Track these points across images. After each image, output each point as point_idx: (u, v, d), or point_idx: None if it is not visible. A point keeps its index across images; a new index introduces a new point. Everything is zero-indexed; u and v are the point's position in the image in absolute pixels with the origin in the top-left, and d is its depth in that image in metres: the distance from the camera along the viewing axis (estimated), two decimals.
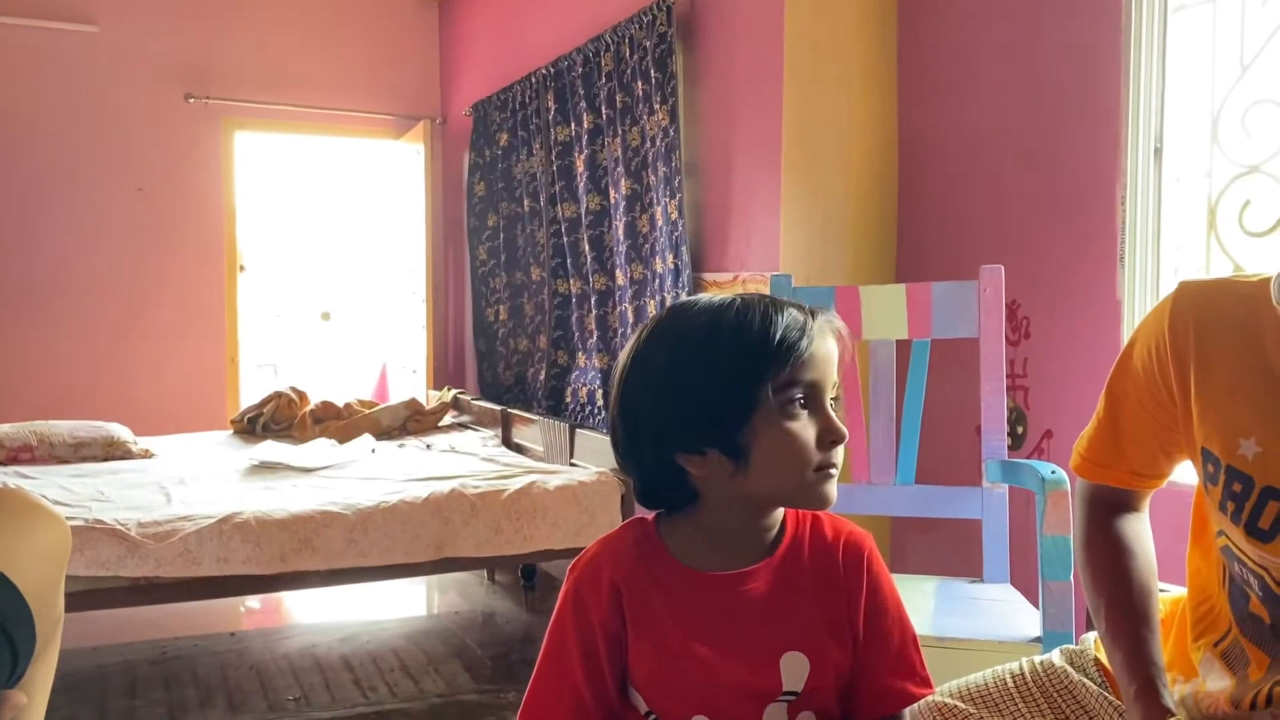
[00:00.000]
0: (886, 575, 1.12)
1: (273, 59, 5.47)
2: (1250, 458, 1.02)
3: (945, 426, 2.63)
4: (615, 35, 3.67)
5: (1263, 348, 1.00)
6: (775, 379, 0.99)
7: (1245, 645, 1.08)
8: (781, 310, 1.01)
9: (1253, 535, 1.01)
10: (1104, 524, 1.22)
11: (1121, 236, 2.27)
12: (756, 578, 1.06)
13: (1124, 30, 2.26)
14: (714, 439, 1.00)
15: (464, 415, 4.79)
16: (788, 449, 1.00)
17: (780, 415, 1.00)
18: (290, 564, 2.80)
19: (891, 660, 1.08)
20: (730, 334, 1.00)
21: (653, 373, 1.04)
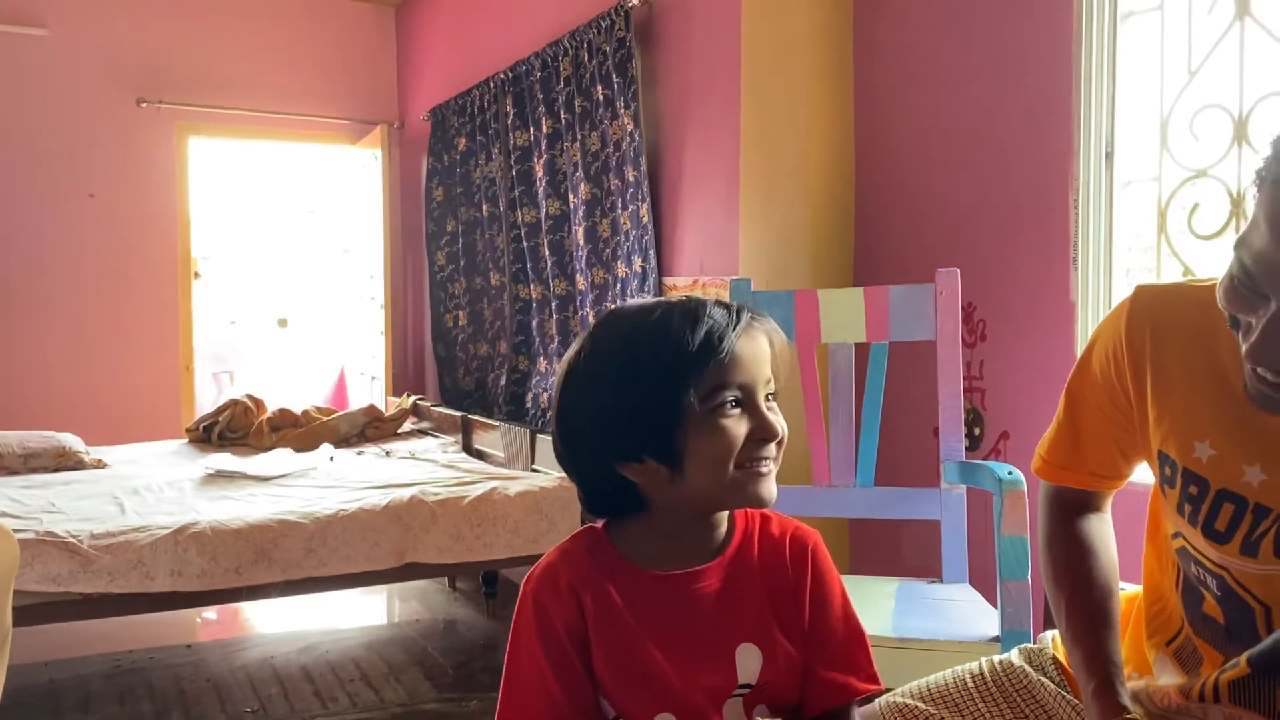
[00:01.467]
0: (832, 571, 1.13)
1: (227, 63, 5.40)
2: (1205, 461, 1.04)
3: (904, 428, 2.65)
4: (573, 40, 3.66)
5: (1217, 352, 1.01)
6: (699, 384, 1.00)
7: (1199, 645, 1.10)
8: (704, 313, 1.02)
9: (1210, 537, 1.03)
10: (1066, 524, 1.24)
11: (1074, 239, 2.30)
12: (708, 576, 1.08)
13: (1075, 36, 2.29)
14: (648, 446, 1.02)
15: (424, 422, 4.76)
16: (720, 451, 1.01)
17: (711, 419, 1.01)
18: (247, 576, 2.76)
19: (835, 654, 1.10)
20: (651, 342, 1.01)
21: (586, 384, 1.05)
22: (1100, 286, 2.29)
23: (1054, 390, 2.35)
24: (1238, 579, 1.02)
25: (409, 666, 3.26)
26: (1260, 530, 0.99)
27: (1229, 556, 1.01)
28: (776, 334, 1.07)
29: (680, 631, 1.06)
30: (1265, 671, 1.00)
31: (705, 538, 1.09)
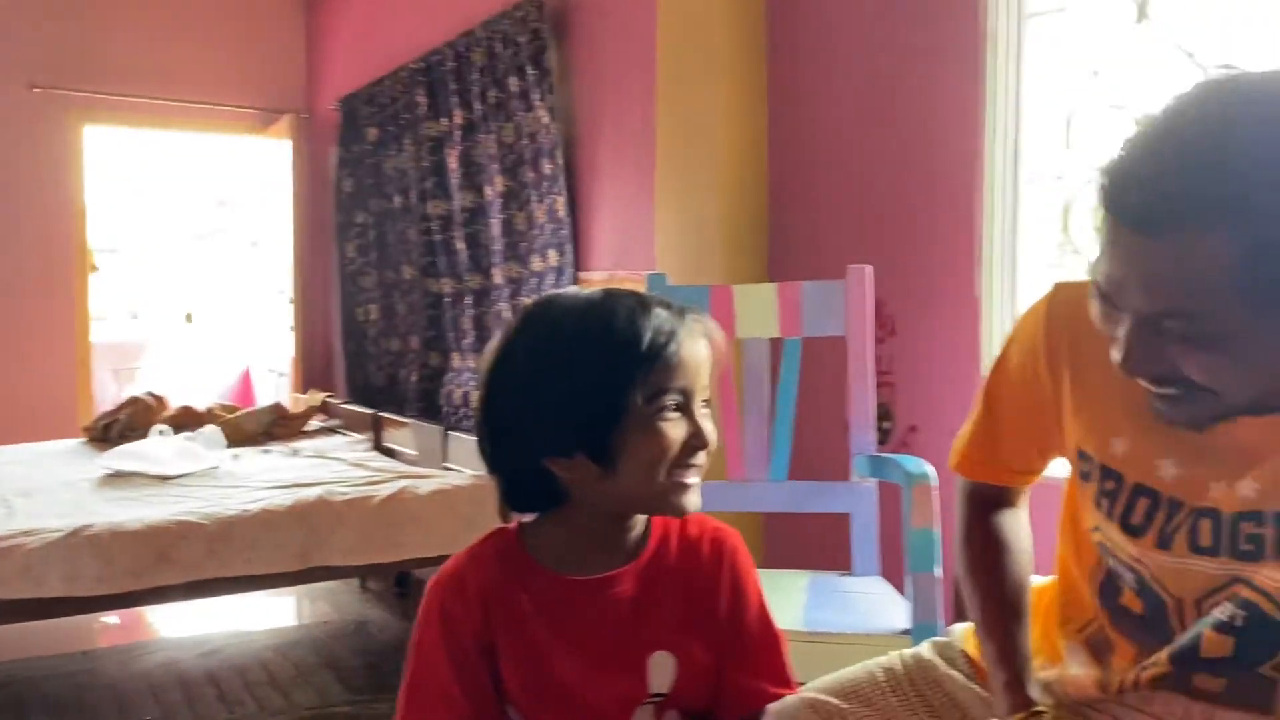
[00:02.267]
0: (752, 574, 1.12)
1: (127, 49, 5.20)
2: (1121, 455, 1.05)
3: (816, 423, 2.66)
4: (487, 30, 3.61)
5: None
6: (645, 384, 0.98)
7: (1113, 634, 1.11)
8: (650, 311, 0.99)
9: (1127, 531, 1.04)
10: (982, 520, 1.24)
11: (980, 236, 2.34)
12: (623, 581, 1.05)
13: (982, 36, 2.33)
14: (581, 442, 0.99)
15: (333, 419, 4.66)
16: (655, 453, 0.99)
17: (651, 420, 0.98)
18: (145, 580, 2.66)
19: (750, 659, 1.09)
20: (598, 337, 0.98)
21: (519, 374, 1.01)
22: (1005, 283, 2.33)
23: (962, 385, 2.40)
24: (1153, 572, 1.03)
25: (318, 669, 3.18)
26: (1174, 524, 1.01)
27: (1144, 550, 1.03)
28: (717, 335, 1.05)
29: (591, 639, 1.04)
30: (1184, 665, 1.02)
31: (621, 539, 1.07)
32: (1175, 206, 0.82)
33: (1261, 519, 0.95)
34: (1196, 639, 1.01)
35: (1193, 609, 1.01)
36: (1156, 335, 0.88)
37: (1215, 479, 0.98)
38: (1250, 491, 0.95)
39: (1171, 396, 0.92)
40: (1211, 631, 0.99)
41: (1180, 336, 0.86)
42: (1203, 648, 1.00)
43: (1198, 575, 1.00)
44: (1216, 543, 0.98)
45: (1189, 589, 1.01)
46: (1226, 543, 0.97)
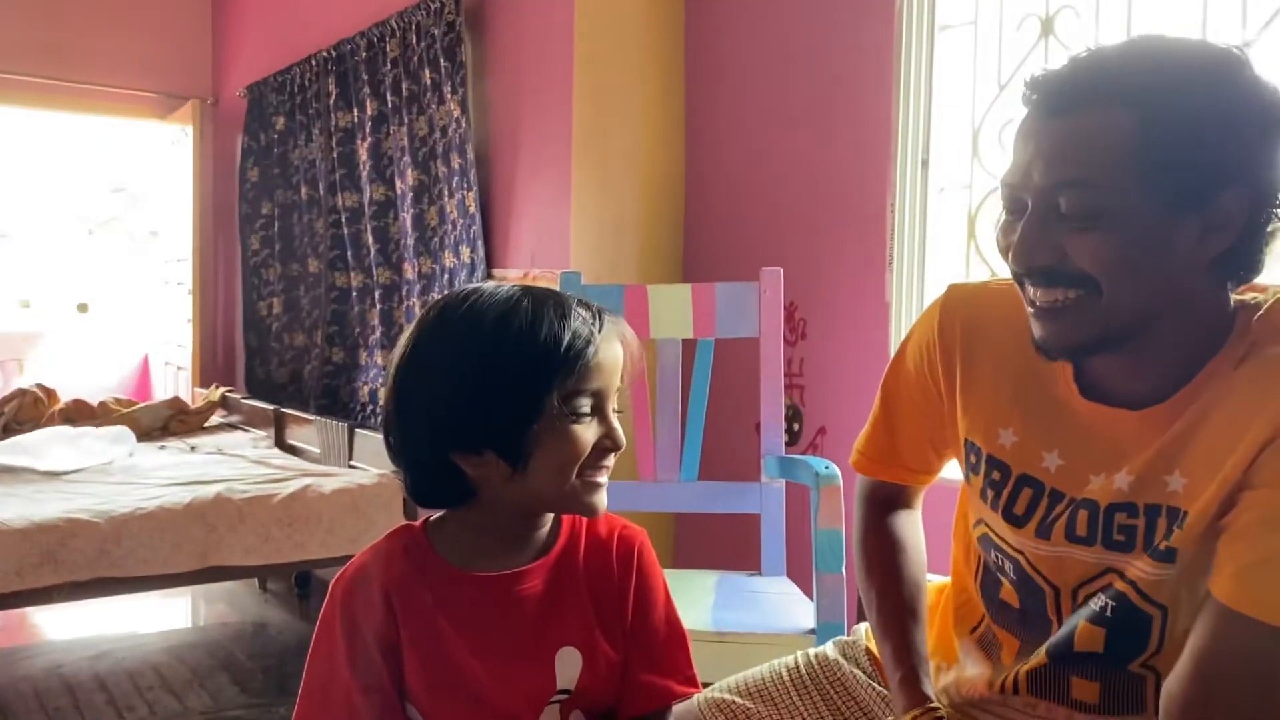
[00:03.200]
0: (658, 572, 1.12)
1: (20, 26, 4.98)
2: (1008, 447, 1.08)
3: (727, 424, 2.68)
4: (401, 21, 3.55)
5: (1025, 345, 1.03)
6: (561, 386, 0.97)
7: (997, 632, 1.14)
8: (570, 313, 0.98)
9: (1009, 520, 1.07)
10: (879, 520, 1.27)
11: (890, 243, 2.38)
12: (531, 577, 1.05)
13: (894, 46, 2.37)
14: (492, 440, 0.97)
15: (233, 415, 4.53)
16: (567, 455, 0.98)
17: (564, 422, 0.97)
18: (29, 579, 2.55)
19: (655, 656, 1.09)
20: (517, 336, 0.96)
21: (433, 368, 0.99)
22: (914, 288, 2.37)
23: (869, 387, 2.42)
24: (1032, 561, 1.06)
25: (214, 671, 3.09)
26: (1054, 514, 1.03)
27: (1025, 539, 1.05)
28: (631, 339, 1.04)
29: (499, 635, 1.03)
30: (1061, 661, 1.05)
31: (530, 536, 1.06)
32: (1083, 90, 0.90)
33: (1134, 510, 0.98)
34: (1071, 632, 1.03)
35: (1069, 599, 1.04)
36: (1052, 219, 0.92)
37: (1095, 471, 1.01)
38: (1124, 484, 0.98)
39: (1056, 309, 0.95)
40: (1085, 623, 1.02)
41: (1073, 215, 0.91)
42: (1076, 641, 1.03)
43: (1075, 564, 1.03)
44: (1092, 533, 1.01)
45: (1066, 579, 1.04)
46: (1101, 533, 1.00)
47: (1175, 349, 0.95)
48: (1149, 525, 0.97)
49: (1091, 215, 0.90)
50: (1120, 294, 0.92)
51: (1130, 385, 0.98)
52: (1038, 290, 0.96)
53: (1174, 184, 0.88)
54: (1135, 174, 0.88)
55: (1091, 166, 0.89)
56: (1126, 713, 1.03)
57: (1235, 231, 0.90)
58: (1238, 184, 0.89)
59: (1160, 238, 0.90)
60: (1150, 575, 0.97)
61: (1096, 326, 0.94)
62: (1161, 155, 0.87)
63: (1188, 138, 0.87)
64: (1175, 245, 0.90)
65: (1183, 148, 0.87)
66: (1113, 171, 0.88)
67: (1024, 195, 0.95)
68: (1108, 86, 0.90)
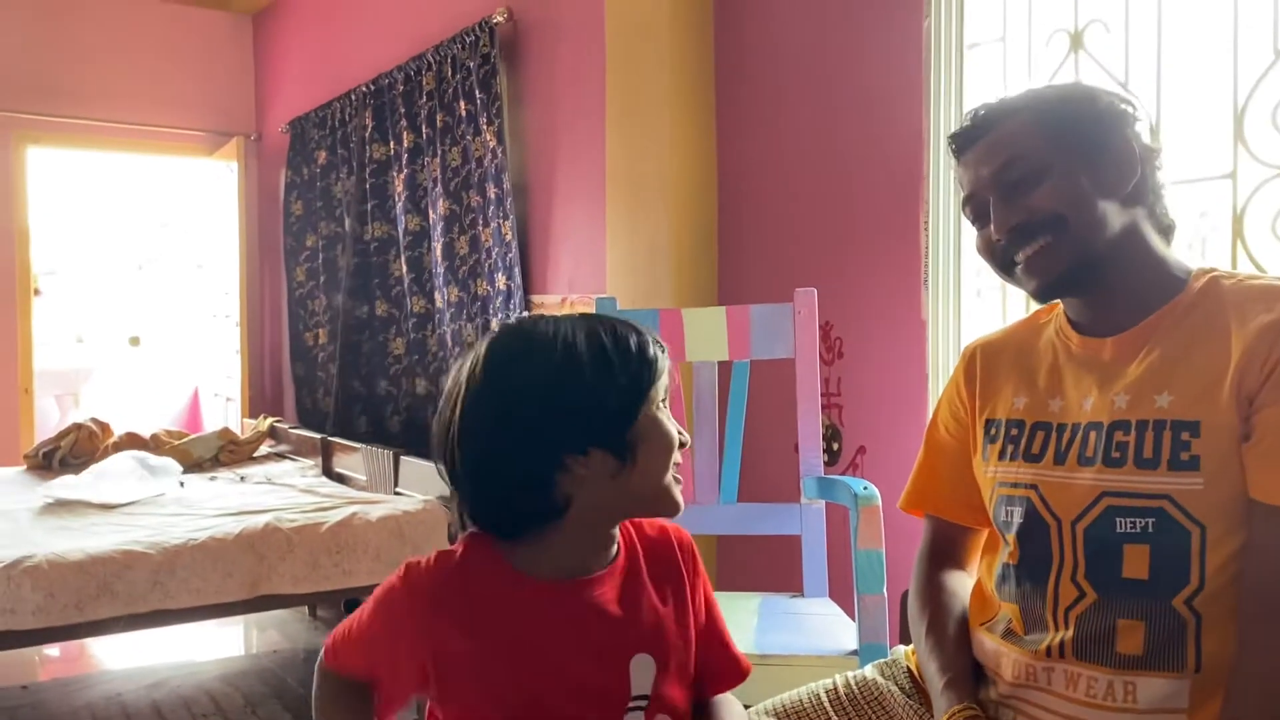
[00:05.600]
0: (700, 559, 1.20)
1: (73, 71, 5.14)
2: (1021, 407, 1.25)
3: (765, 445, 2.68)
4: (437, 54, 3.62)
5: (1034, 347, 1.28)
6: (654, 382, 1.05)
7: (1005, 609, 1.20)
8: (631, 326, 1.08)
9: (1028, 460, 1.21)
10: (934, 574, 1.36)
11: (925, 260, 2.38)
12: (603, 584, 1.07)
13: (924, 65, 2.38)
14: (603, 436, 1.02)
15: (281, 445, 4.59)
16: (668, 441, 1.05)
17: (656, 416, 1.05)
18: (87, 612, 2.60)
19: (724, 638, 1.17)
20: (619, 339, 1.05)
21: (542, 373, 1.03)
22: (950, 305, 2.37)
23: (907, 405, 2.43)
24: (1043, 495, 1.18)
25: (267, 699, 3.13)
26: (1065, 441, 1.18)
27: (1042, 470, 1.19)
28: None
29: (575, 640, 1.05)
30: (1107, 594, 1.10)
31: (606, 547, 1.09)
32: (990, 117, 1.22)
33: (1127, 428, 1.12)
34: (1119, 555, 1.10)
35: (1069, 530, 1.14)
36: (1009, 193, 1.18)
37: (1087, 395, 1.18)
38: (1121, 403, 1.14)
39: (1038, 258, 1.17)
40: (1129, 545, 1.09)
41: (1024, 180, 1.17)
42: (1125, 565, 1.10)
43: (1077, 490, 1.14)
44: (1096, 452, 1.14)
45: (1069, 507, 1.15)
46: (1103, 452, 1.13)
47: (1130, 284, 1.17)
48: (1156, 440, 1.09)
49: (1036, 172, 1.17)
50: (1082, 220, 1.15)
51: (1103, 317, 1.19)
52: (1021, 249, 1.19)
53: (1077, 139, 1.17)
54: (1049, 140, 1.17)
55: (1019, 146, 1.18)
56: (1169, 667, 1.06)
57: (1138, 166, 1.17)
58: (1122, 133, 1.18)
59: (1089, 175, 1.16)
60: (1181, 486, 1.07)
61: (1074, 256, 1.16)
62: (1060, 124, 1.18)
63: (1075, 111, 1.19)
64: (1101, 180, 1.16)
65: (1074, 119, 1.18)
66: (1033, 142, 1.18)
67: (983, 194, 1.21)
68: (1005, 107, 1.22)
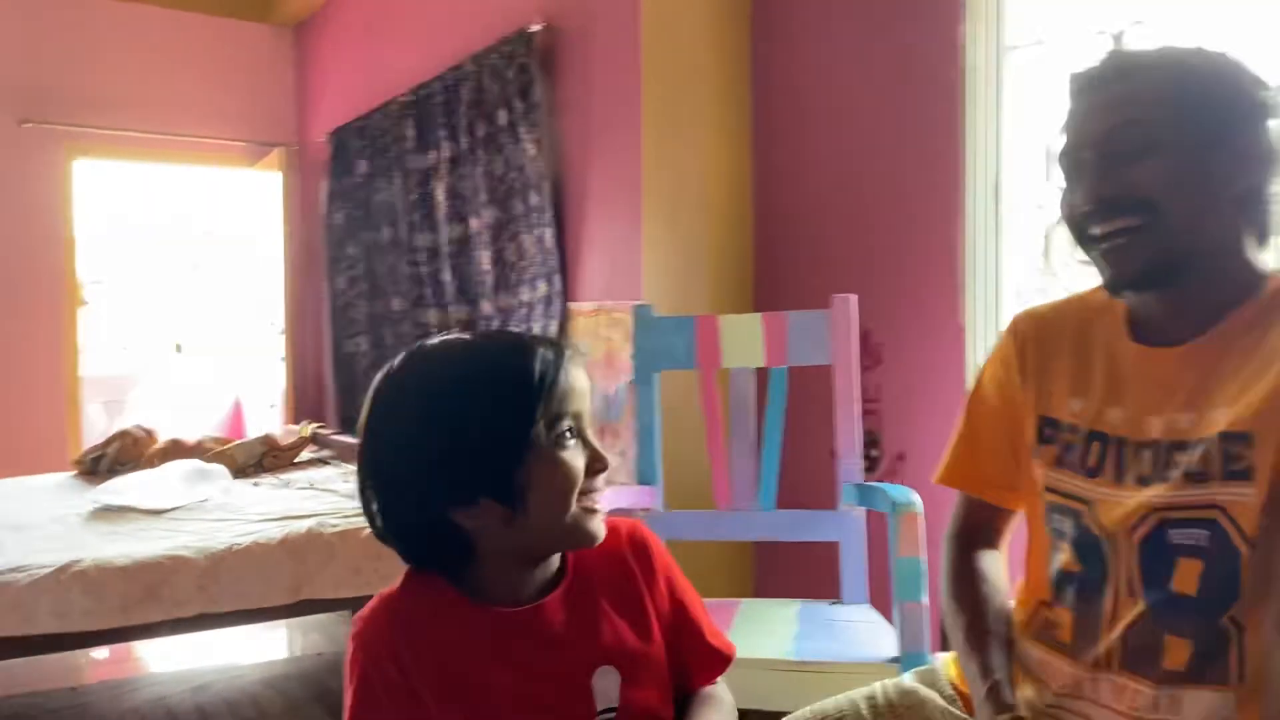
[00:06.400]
0: (667, 551, 1.15)
1: (118, 83, 5.24)
2: (1078, 410, 1.20)
3: (803, 451, 2.68)
4: (476, 63, 3.65)
5: (1091, 333, 1.22)
6: (545, 414, 0.98)
7: (1054, 614, 1.18)
8: (530, 347, 1.01)
9: (1085, 474, 1.17)
10: (966, 556, 1.33)
11: (963, 266, 2.37)
12: (549, 610, 1.04)
13: (961, 70, 2.37)
14: (487, 487, 0.98)
15: (324, 450, 4.65)
16: (564, 482, 0.99)
17: (553, 450, 0.99)
18: (133, 616, 2.64)
19: (704, 627, 1.14)
20: (490, 377, 0.99)
21: (409, 430, 0.99)
22: (989, 311, 2.35)
23: (947, 411, 2.41)
24: (1096, 511, 1.14)
25: (309, 702, 3.16)
26: (1123, 459, 1.14)
27: (1097, 486, 1.15)
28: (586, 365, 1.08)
29: (528, 668, 1.02)
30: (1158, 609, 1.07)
31: (541, 571, 1.06)
32: (1124, 65, 1.13)
33: (1187, 447, 1.07)
34: (1170, 570, 1.07)
35: (1123, 544, 1.10)
36: (1111, 158, 1.10)
37: (1150, 413, 1.12)
38: (1186, 423, 1.09)
39: (1120, 243, 1.09)
40: (1183, 559, 1.06)
41: (1130, 150, 1.08)
42: (1176, 580, 1.07)
43: (1130, 505, 1.10)
44: (1154, 470, 1.10)
45: (1122, 521, 1.11)
46: (1163, 471, 1.09)
47: (1210, 290, 1.10)
48: (1207, 455, 1.05)
49: (1145, 147, 1.08)
50: (1174, 213, 1.07)
51: (1171, 324, 1.12)
52: (1102, 225, 1.11)
53: (1204, 122, 1.08)
54: (1174, 111, 1.08)
55: (1140, 108, 1.09)
56: (1215, 680, 1.05)
57: (1256, 169, 1.09)
58: (1253, 129, 1.09)
59: (1200, 165, 1.07)
60: (1233, 497, 1.03)
61: (1157, 252, 1.08)
62: (1191, 98, 1.08)
63: (1212, 90, 1.09)
64: (1211, 174, 1.08)
65: (1209, 97, 1.09)
66: (1157, 109, 1.08)
67: (1083, 153, 1.13)
68: (1143, 61, 1.12)
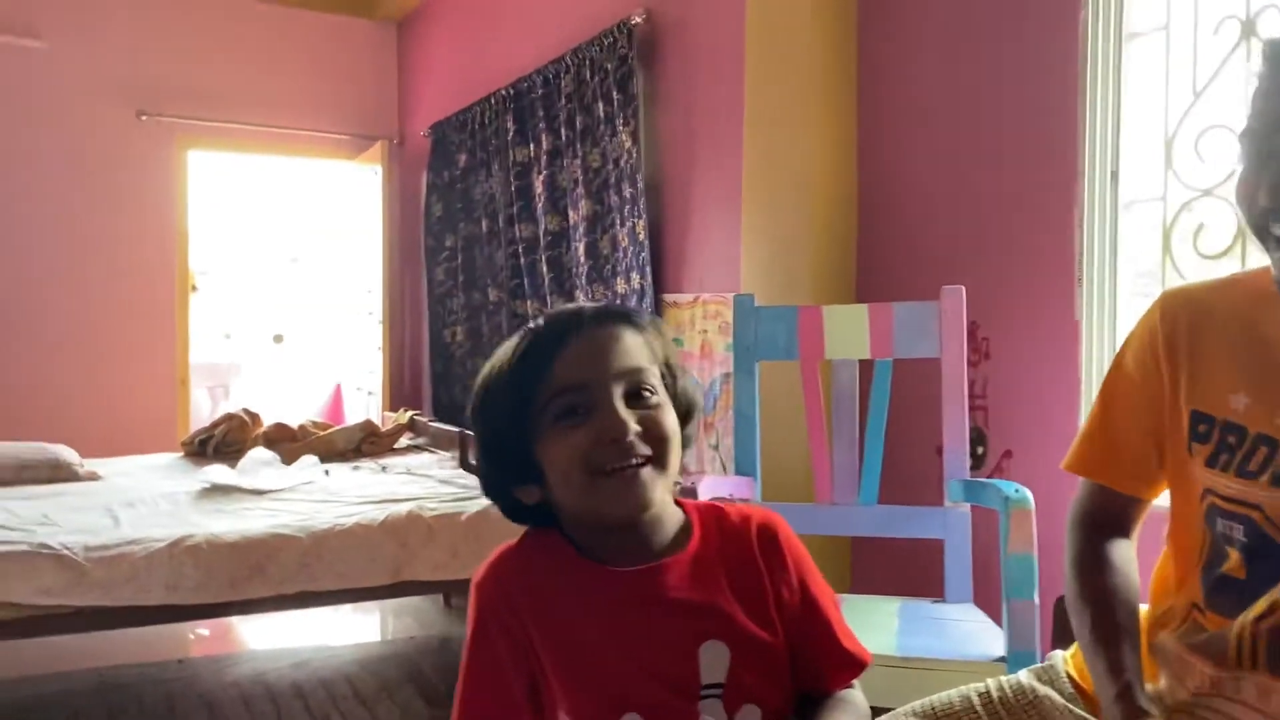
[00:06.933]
0: (802, 548, 1.12)
1: (228, 77, 5.41)
2: (1242, 410, 1.11)
3: (904, 446, 2.63)
4: (576, 57, 3.67)
5: (1254, 320, 1.12)
6: (538, 395, 1.00)
7: (1206, 621, 1.12)
8: (539, 327, 1.04)
9: (1242, 475, 1.09)
10: (1094, 544, 1.26)
11: (1079, 258, 2.30)
12: (669, 571, 1.04)
13: (1079, 56, 2.30)
14: (516, 469, 1.03)
15: (420, 437, 4.73)
16: (564, 460, 1.00)
17: (552, 431, 1.00)
18: (241, 590, 2.73)
19: (838, 629, 1.10)
20: (493, 370, 1.04)
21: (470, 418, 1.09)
22: (1105, 305, 2.28)
23: (1058, 408, 2.34)
24: (1269, 515, 1.06)
25: (402, 684, 3.22)
26: None
27: (1261, 491, 1.07)
28: (636, 321, 1.05)
29: (638, 629, 1.02)
30: None
31: (644, 538, 1.05)
32: None
33: None
34: None
35: None
36: None
37: None
38: None
39: None
40: None
41: None
42: None
43: None
44: None
45: None
46: None
47: None
48: None
49: None
50: None
51: None
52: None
53: None
54: None
55: None
56: None
57: None
58: None
59: None
60: None
61: None
62: None
63: None
64: None
65: None
66: None
67: (1276, 140, 1.04)
68: None
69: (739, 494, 2.19)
